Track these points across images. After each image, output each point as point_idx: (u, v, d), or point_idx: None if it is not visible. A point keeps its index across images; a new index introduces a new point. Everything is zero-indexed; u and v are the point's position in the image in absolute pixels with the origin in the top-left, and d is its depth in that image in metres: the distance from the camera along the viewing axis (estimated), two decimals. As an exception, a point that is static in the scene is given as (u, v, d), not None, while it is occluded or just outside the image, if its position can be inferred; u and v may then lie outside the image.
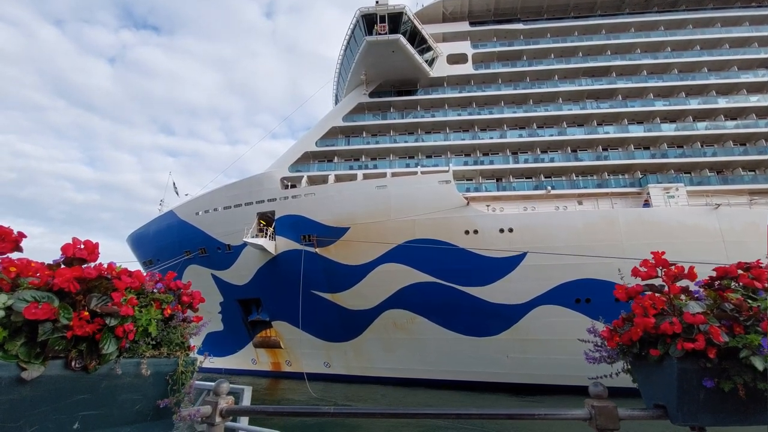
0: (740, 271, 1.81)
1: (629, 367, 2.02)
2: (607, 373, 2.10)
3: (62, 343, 1.29)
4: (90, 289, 1.42)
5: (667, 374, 1.71)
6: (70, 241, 1.49)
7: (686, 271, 1.82)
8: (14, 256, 1.38)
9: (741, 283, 1.78)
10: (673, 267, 1.84)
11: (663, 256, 1.88)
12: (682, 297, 1.85)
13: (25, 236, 1.37)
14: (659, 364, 1.75)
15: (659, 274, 1.85)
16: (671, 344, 1.68)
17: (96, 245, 1.51)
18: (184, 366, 1.63)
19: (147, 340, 1.56)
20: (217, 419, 1.93)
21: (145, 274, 1.80)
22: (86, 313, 1.33)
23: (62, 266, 1.43)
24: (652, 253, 1.90)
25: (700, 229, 17.33)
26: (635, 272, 1.90)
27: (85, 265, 1.47)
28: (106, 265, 1.56)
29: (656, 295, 1.81)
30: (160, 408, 1.56)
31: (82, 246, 1.48)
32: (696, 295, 1.84)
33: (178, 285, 1.88)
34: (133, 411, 1.49)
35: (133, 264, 27.38)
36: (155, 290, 1.77)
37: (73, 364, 1.31)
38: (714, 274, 1.92)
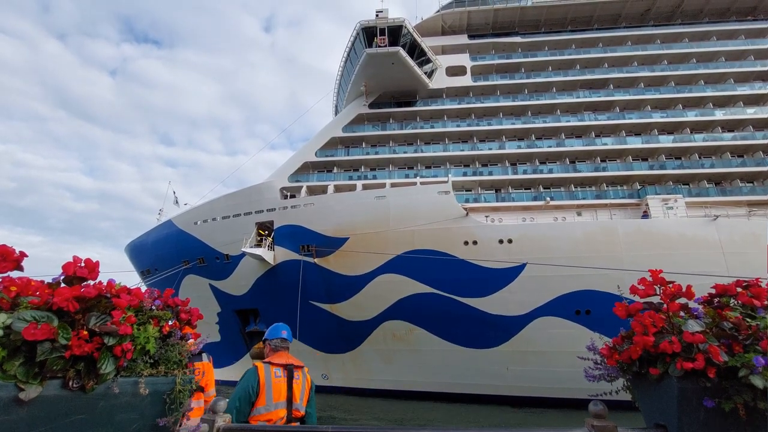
0: (739, 289, 1.82)
1: (629, 385, 2.01)
2: (607, 391, 2.09)
3: (60, 362, 1.28)
4: (89, 308, 1.42)
5: (667, 393, 1.70)
6: (68, 250, 1.50)
7: (684, 290, 1.83)
8: (14, 274, 1.39)
9: (740, 301, 1.79)
10: (671, 285, 1.85)
11: (661, 273, 1.89)
12: (682, 314, 1.86)
13: (26, 255, 1.38)
14: (659, 383, 1.74)
15: (657, 292, 1.85)
16: (671, 363, 1.68)
17: (96, 264, 1.51)
18: (182, 384, 1.62)
19: (145, 358, 1.56)
20: (214, 437, 1.91)
21: (143, 289, 1.80)
22: (85, 333, 1.33)
23: (62, 285, 1.43)
24: (650, 271, 1.91)
25: (700, 240, 17.33)
26: (633, 290, 1.91)
27: (85, 284, 1.47)
28: (105, 283, 1.56)
29: (655, 313, 1.82)
30: (158, 427, 1.55)
31: (83, 264, 1.48)
32: (695, 313, 1.85)
33: (177, 302, 1.87)
34: (130, 430, 1.48)
35: (131, 274, 27.27)
36: (153, 307, 1.77)
37: (70, 383, 1.30)
38: (713, 290, 1.92)
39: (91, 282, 1.49)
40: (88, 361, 1.34)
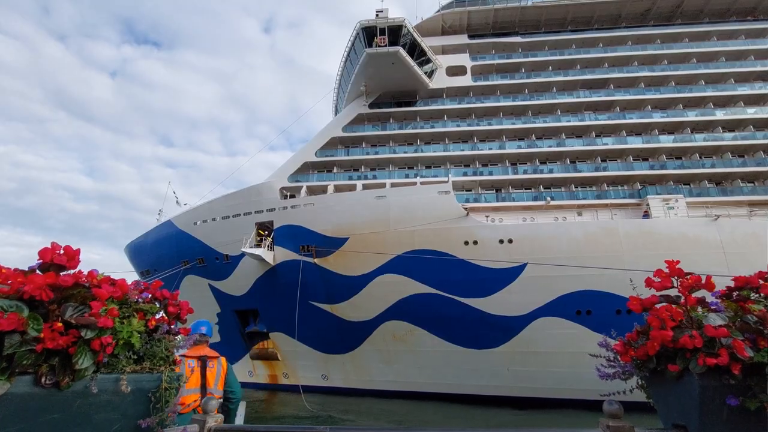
0: (762, 281, 1.71)
1: (644, 383, 1.90)
2: (613, 391, 1.97)
3: (31, 357, 1.17)
4: (66, 298, 1.31)
5: (687, 392, 1.59)
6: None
7: (703, 281, 1.72)
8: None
9: (763, 294, 1.69)
10: (688, 277, 1.74)
11: (679, 264, 1.78)
12: (699, 309, 1.75)
13: (-4, 240, 1.27)
14: (678, 380, 1.63)
15: (674, 285, 1.74)
16: (691, 359, 1.57)
17: (77, 252, 1.40)
18: (169, 382, 1.51)
19: (128, 354, 1.44)
20: (205, 439, 1.80)
21: (129, 283, 1.69)
22: (59, 324, 1.21)
23: (37, 272, 1.32)
24: (666, 261, 1.80)
25: (701, 240, 17.23)
26: (649, 282, 1.80)
27: (64, 272, 1.36)
28: (86, 273, 1.45)
29: (673, 306, 1.71)
30: (142, 428, 1.43)
31: (62, 251, 1.37)
32: (713, 307, 1.74)
33: (165, 294, 1.76)
34: (111, 432, 1.37)
35: (131, 274, 27.14)
36: (140, 300, 1.66)
37: (43, 380, 1.18)
38: (732, 283, 1.82)
39: (71, 271, 1.38)
40: (64, 356, 1.23)
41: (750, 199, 20.17)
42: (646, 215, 19.35)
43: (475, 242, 18.03)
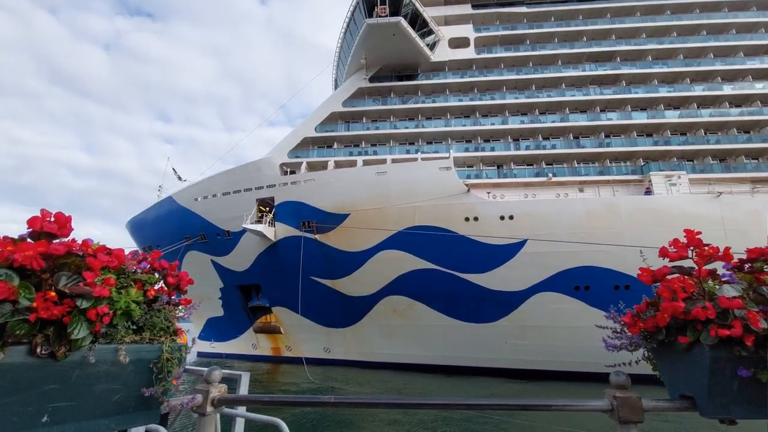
0: (777, 253, 1.66)
1: (650, 354, 1.89)
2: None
3: (24, 327, 1.13)
4: (59, 267, 1.26)
5: (696, 363, 1.57)
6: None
7: (721, 253, 1.67)
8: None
9: (778, 266, 1.64)
10: (707, 247, 1.69)
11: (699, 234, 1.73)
12: (710, 281, 1.71)
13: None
14: (687, 352, 1.61)
15: (690, 255, 1.70)
16: (702, 331, 1.54)
17: (68, 219, 1.34)
18: (170, 352, 1.48)
19: (127, 324, 1.41)
20: (209, 408, 1.80)
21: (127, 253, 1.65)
22: (53, 294, 1.17)
23: (28, 241, 1.27)
24: (685, 231, 1.75)
25: (702, 217, 17.18)
26: (663, 252, 1.75)
27: (56, 241, 1.31)
28: (80, 242, 1.39)
29: (686, 277, 1.67)
30: (145, 397, 1.42)
31: (52, 219, 1.31)
32: (726, 278, 1.70)
33: (163, 265, 1.72)
34: (112, 401, 1.35)
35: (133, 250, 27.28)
36: (138, 270, 1.61)
37: (38, 350, 1.15)
38: (745, 255, 1.77)
39: (64, 239, 1.33)
40: (59, 326, 1.20)
41: (753, 176, 20.00)
42: (648, 192, 19.27)
43: (476, 218, 18.02)
